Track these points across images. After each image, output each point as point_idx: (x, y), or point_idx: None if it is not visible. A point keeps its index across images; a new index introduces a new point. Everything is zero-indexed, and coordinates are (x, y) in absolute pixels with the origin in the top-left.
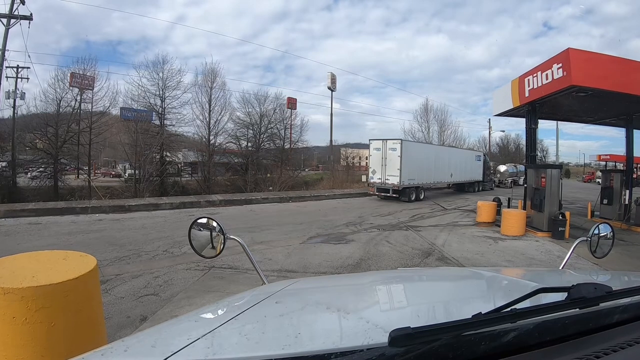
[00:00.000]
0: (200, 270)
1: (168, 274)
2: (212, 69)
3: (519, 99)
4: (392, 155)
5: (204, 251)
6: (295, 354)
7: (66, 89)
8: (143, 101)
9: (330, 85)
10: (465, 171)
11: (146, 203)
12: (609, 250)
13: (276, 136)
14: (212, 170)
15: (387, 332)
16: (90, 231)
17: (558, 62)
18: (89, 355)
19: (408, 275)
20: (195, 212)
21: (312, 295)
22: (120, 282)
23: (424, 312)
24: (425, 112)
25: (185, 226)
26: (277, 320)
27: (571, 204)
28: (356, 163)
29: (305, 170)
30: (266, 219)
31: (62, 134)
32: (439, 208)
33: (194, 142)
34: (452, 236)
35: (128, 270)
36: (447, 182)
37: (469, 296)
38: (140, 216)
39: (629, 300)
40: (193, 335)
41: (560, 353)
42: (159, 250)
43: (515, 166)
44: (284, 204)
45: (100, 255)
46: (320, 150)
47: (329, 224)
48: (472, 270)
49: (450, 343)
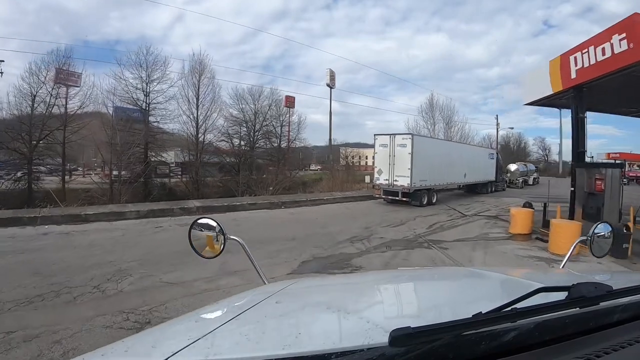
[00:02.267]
0: (126, 330)
1: (78, 335)
2: (201, 60)
3: (561, 83)
4: (401, 153)
5: (204, 252)
6: (296, 354)
7: (40, 84)
8: (125, 96)
9: (329, 82)
10: (478, 170)
11: (107, 211)
12: (609, 249)
13: (272, 134)
14: (202, 171)
15: (388, 332)
16: (25, 250)
17: (620, 31)
18: (88, 356)
19: (408, 275)
20: (165, 223)
21: (312, 295)
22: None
23: (424, 312)
24: (430, 107)
25: (144, 243)
26: (277, 321)
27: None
28: (356, 163)
29: (309, 166)
30: (249, 233)
31: (37, 133)
32: (457, 214)
33: (181, 140)
34: (490, 257)
35: (28, 323)
36: (461, 182)
37: (469, 296)
38: (96, 228)
39: (629, 299)
40: (193, 335)
41: (560, 352)
42: (88, 286)
43: (526, 165)
44: (276, 210)
45: (9, 293)
46: (319, 150)
47: (328, 240)
48: (472, 270)
49: (451, 343)
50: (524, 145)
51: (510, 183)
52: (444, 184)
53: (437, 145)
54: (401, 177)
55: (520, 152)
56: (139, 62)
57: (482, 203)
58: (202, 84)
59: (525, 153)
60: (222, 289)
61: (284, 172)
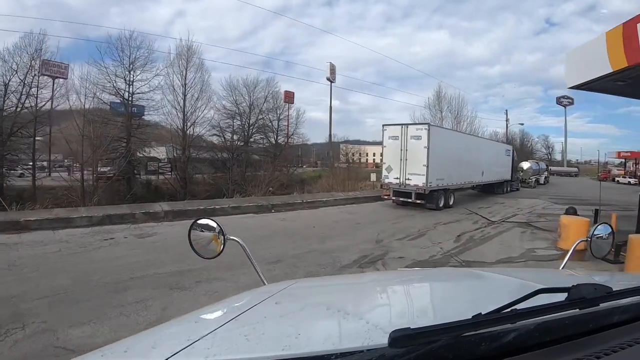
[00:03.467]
0: None
1: None
2: (189, 45)
3: (625, 58)
4: (415, 146)
5: (204, 252)
6: (296, 354)
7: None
8: (107, 85)
9: (330, 76)
10: (496, 168)
11: (52, 217)
12: (609, 250)
13: (268, 128)
14: (191, 167)
15: (387, 332)
16: None
17: None
18: (89, 356)
19: (408, 276)
20: (120, 233)
21: (312, 296)
22: None
23: (424, 313)
24: (437, 100)
25: (78, 265)
26: (277, 321)
27: (625, 210)
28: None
29: (302, 165)
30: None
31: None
32: (481, 220)
33: (168, 134)
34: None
35: None
36: (478, 182)
37: (469, 297)
38: (32, 240)
39: (629, 300)
40: (193, 336)
41: (560, 353)
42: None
43: (537, 163)
44: (264, 215)
45: None
46: (319, 147)
47: (327, 263)
48: (472, 271)
49: (451, 344)
50: (531, 143)
51: (523, 182)
52: (460, 184)
53: (455, 139)
54: (415, 175)
55: (526, 150)
56: (121, 47)
57: (502, 205)
58: (189, 71)
59: (530, 151)
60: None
61: (281, 169)
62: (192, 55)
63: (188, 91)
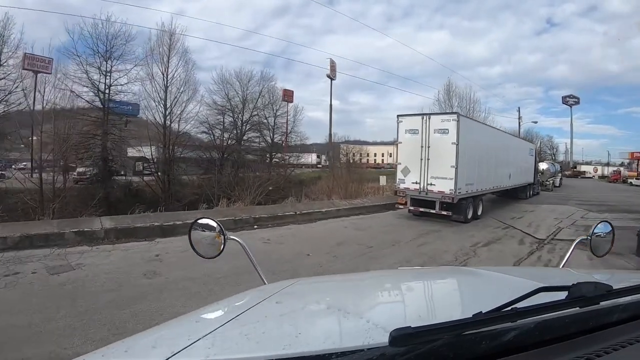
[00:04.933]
0: None
1: None
2: (170, 31)
3: None
4: (440, 142)
5: (205, 252)
6: (296, 354)
7: None
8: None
9: (330, 74)
10: (521, 170)
11: None
12: (609, 249)
13: (263, 125)
14: (175, 168)
15: (388, 331)
16: None
17: None
18: (89, 356)
19: (408, 275)
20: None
21: (313, 295)
22: None
23: (424, 312)
24: (447, 95)
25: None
26: (277, 320)
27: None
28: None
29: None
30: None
31: None
32: (526, 238)
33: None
34: None
35: None
36: (506, 186)
37: (469, 295)
38: None
39: (629, 299)
40: (193, 335)
41: (560, 352)
42: None
43: (554, 164)
44: (241, 233)
45: None
46: (319, 147)
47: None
48: (472, 270)
49: (451, 342)
50: (540, 143)
51: (541, 185)
52: (489, 189)
53: (487, 134)
54: (439, 179)
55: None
56: (96, 35)
57: (534, 214)
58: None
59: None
60: None
61: (277, 170)
62: (175, 42)
63: (170, 82)
